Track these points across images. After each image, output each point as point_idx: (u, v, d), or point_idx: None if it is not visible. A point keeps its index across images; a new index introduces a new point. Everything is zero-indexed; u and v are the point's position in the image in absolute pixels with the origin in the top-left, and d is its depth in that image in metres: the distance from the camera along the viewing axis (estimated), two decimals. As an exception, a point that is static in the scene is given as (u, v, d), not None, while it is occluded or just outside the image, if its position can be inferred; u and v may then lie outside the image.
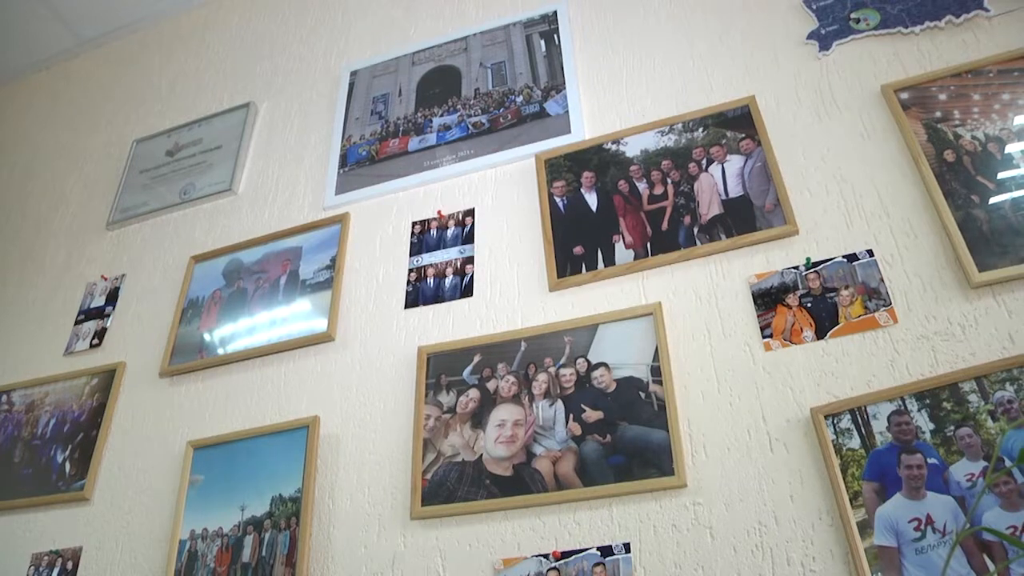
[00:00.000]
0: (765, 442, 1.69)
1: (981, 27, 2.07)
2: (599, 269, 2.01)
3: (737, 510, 1.63)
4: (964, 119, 1.92)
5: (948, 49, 2.06)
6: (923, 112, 1.96)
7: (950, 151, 1.88)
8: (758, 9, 2.34)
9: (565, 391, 1.86)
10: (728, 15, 2.37)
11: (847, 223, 1.88)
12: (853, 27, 2.18)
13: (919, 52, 2.08)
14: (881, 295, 1.76)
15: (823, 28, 2.21)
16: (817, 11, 2.25)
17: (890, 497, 1.52)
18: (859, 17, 2.20)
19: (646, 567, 1.63)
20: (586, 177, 2.16)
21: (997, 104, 1.92)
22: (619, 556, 1.65)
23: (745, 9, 2.36)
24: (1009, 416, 1.52)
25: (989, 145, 1.86)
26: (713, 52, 2.31)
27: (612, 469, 1.73)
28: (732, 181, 2.02)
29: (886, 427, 1.59)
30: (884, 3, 2.19)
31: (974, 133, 1.89)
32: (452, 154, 2.39)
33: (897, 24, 2.14)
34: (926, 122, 1.94)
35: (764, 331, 1.80)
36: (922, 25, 2.11)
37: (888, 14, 2.17)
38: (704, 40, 2.34)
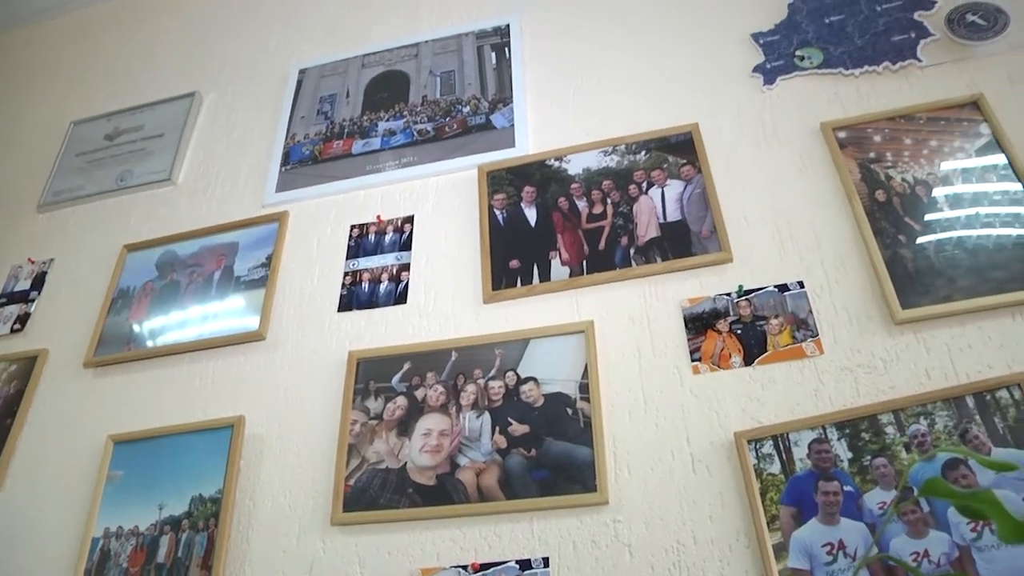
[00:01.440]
0: (688, 463, 1.71)
1: (914, 76, 2.14)
2: (534, 284, 2.02)
3: (657, 529, 1.65)
4: (896, 161, 1.98)
5: (884, 93, 2.13)
6: (858, 151, 2.02)
7: (881, 191, 1.94)
8: (708, 39, 2.39)
9: (493, 403, 1.86)
10: (679, 42, 2.41)
11: (780, 254, 1.92)
12: (797, 64, 2.24)
13: (858, 94, 2.14)
14: (809, 326, 1.80)
15: (769, 63, 2.27)
16: (764, 46, 2.31)
17: (806, 522, 1.56)
18: (804, 55, 2.26)
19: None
20: (527, 192, 2.18)
21: (926, 149, 1.99)
22: (538, 570, 1.66)
23: (695, 38, 2.41)
24: (921, 449, 1.58)
25: (917, 188, 1.93)
26: (661, 77, 2.34)
27: (535, 483, 1.73)
28: (671, 205, 2.05)
29: (806, 454, 1.63)
30: (828, 44, 2.26)
31: (904, 175, 1.95)
32: (395, 160, 2.38)
33: (839, 65, 2.20)
34: (861, 161, 2.00)
35: (693, 354, 1.83)
36: (862, 68, 2.18)
37: (831, 55, 2.23)
38: (653, 65, 2.38)
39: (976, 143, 1.97)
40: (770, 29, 2.34)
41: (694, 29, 2.43)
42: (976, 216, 1.86)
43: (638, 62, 2.40)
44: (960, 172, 1.94)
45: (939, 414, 1.61)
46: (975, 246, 1.81)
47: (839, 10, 2.33)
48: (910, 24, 2.24)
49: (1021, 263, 1.76)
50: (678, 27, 2.45)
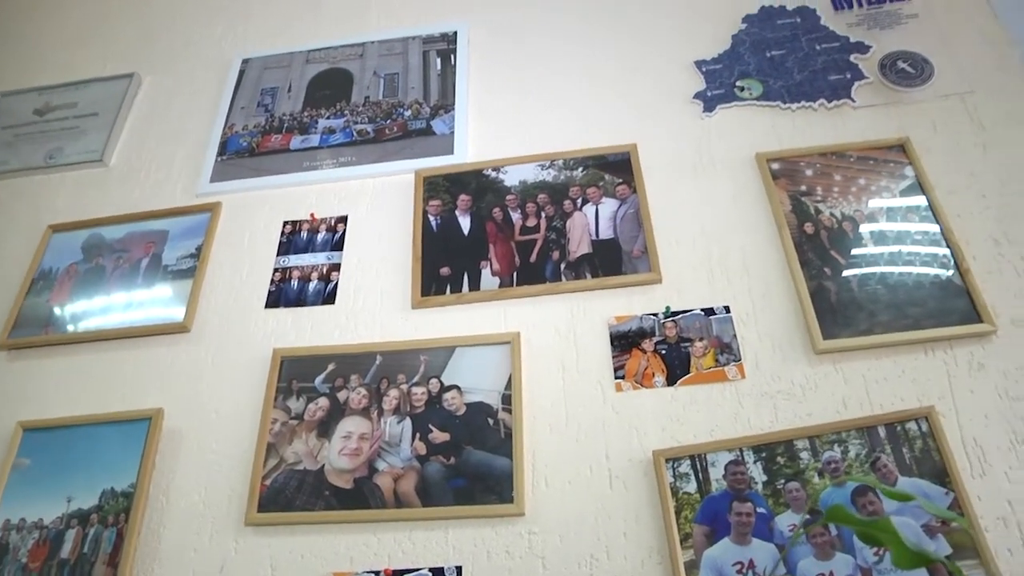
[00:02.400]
0: (606, 479, 1.72)
1: (848, 114, 2.20)
2: (463, 292, 2.01)
3: (571, 542, 1.65)
4: (825, 196, 2.03)
5: (818, 129, 2.17)
6: (790, 184, 2.06)
7: (810, 224, 1.98)
8: (653, 62, 2.42)
9: (415, 409, 1.84)
10: (623, 63, 2.43)
11: (709, 278, 1.95)
12: (737, 94, 2.28)
13: (793, 127, 2.19)
14: (732, 350, 1.83)
15: (710, 90, 2.30)
16: (706, 74, 2.35)
17: (718, 541, 1.58)
18: (744, 86, 2.30)
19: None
20: (462, 200, 2.17)
21: (854, 187, 2.04)
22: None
23: (641, 59, 2.43)
24: (832, 475, 1.62)
25: (844, 223, 1.97)
26: (604, 96, 2.36)
27: (452, 491, 1.72)
28: (604, 223, 2.06)
29: (722, 475, 1.65)
30: (767, 77, 2.31)
31: (832, 210, 2.00)
32: (333, 158, 2.35)
33: (777, 98, 2.25)
34: (792, 193, 2.04)
35: (617, 372, 1.84)
36: (798, 103, 2.23)
37: (770, 88, 2.28)
38: (596, 83, 2.39)
39: (901, 184, 2.03)
40: (713, 58, 2.39)
41: (639, 52, 2.46)
42: (898, 254, 1.91)
43: (582, 80, 2.41)
44: (885, 211, 1.99)
45: (852, 442, 1.65)
46: (896, 283, 1.86)
47: (781, 46, 2.38)
48: (846, 65, 2.31)
49: (937, 301, 1.82)
50: (624, 49, 2.47)
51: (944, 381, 1.73)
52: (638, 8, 2.58)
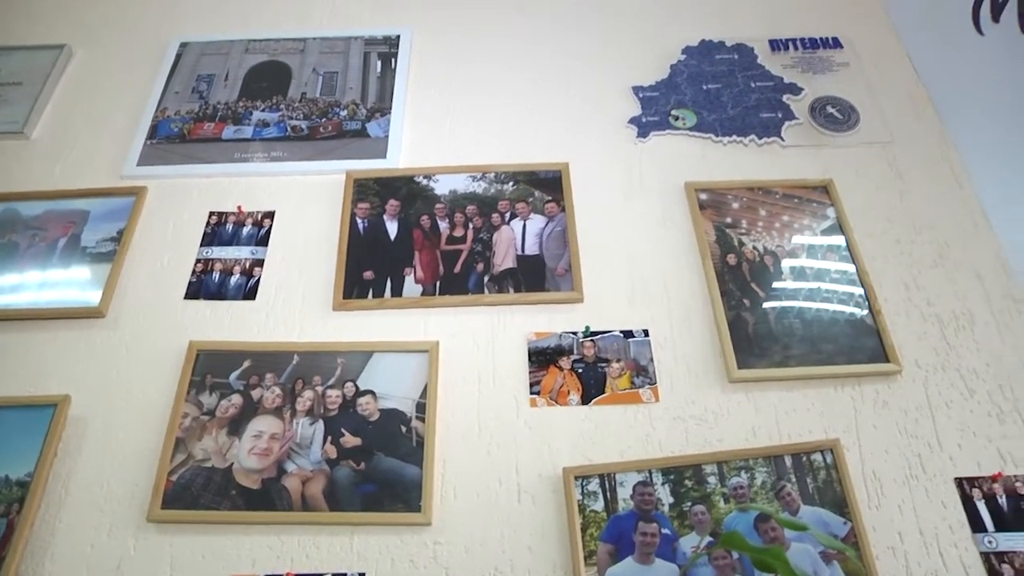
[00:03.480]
0: (514, 493, 1.71)
1: (776, 153, 2.26)
2: (386, 298, 1.99)
3: (476, 554, 1.64)
4: (749, 229, 2.07)
5: (747, 164, 2.23)
6: (716, 215, 2.10)
7: (733, 255, 2.02)
8: (592, 83, 2.45)
9: (328, 412, 1.82)
10: (562, 82, 2.46)
11: (630, 301, 1.97)
12: (671, 123, 2.32)
13: (723, 160, 2.24)
14: (648, 373, 1.85)
15: (645, 116, 2.34)
16: (643, 100, 2.39)
17: (622, 560, 1.58)
18: (678, 115, 2.34)
19: (376, 599, 1.62)
20: (391, 205, 2.15)
21: (778, 223, 2.09)
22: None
23: (580, 80, 2.46)
24: (738, 500, 1.64)
25: (766, 257, 2.02)
26: (540, 113, 2.38)
27: (360, 497, 1.69)
28: (531, 239, 2.07)
29: (630, 495, 1.65)
30: (702, 108, 2.36)
31: (755, 244, 2.04)
32: (265, 152, 2.31)
33: (709, 131, 2.29)
34: (717, 224, 2.08)
35: (533, 387, 1.84)
36: (730, 137, 2.28)
37: (704, 119, 2.33)
38: (534, 100, 2.42)
39: (822, 224, 2.09)
40: (651, 85, 2.43)
41: (579, 72, 2.49)
42: (816, 291, 1.96)
43: (520, 95, 2.43)
44: (806, 248, 2.04)
45: (759, 470, 1.68)
46: (811, 318, 1.91)
47: (717, 80, 2.43)
48: (778, 105, 2.37)
49: (849, 339, 1.88)
50: (563, 68, 2.50)
51: (850, 416, 1.79)
52: (582, 29, 2.62)
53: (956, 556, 1.63)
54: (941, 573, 1.62)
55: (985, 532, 1.65)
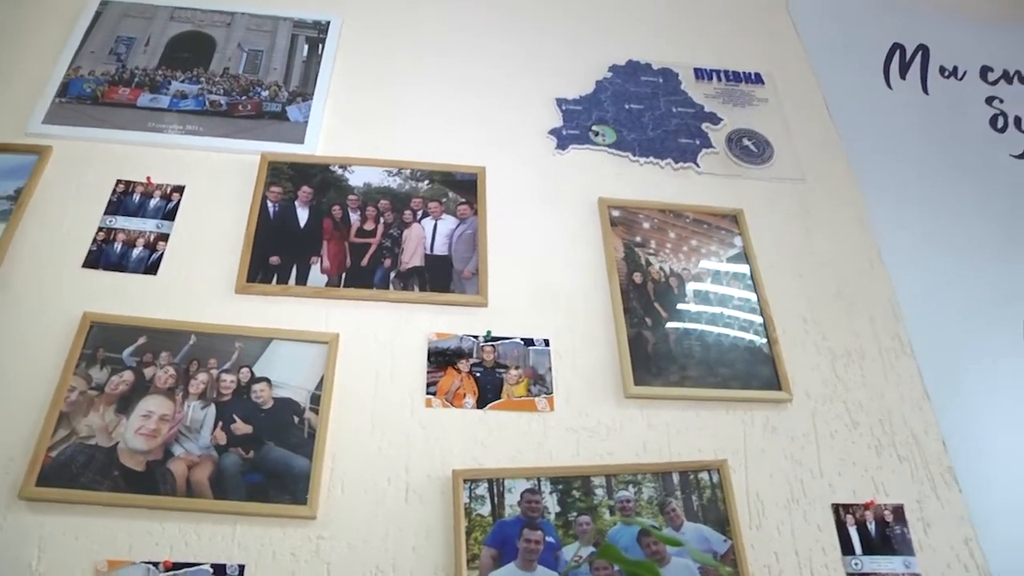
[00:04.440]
0: (402, 492, 1.73)
1: (691, 178, 2.35)
2: (290, 285, 1.98)
3: (359, 551, 1.65)
4: (658, 250, 2.14)
5: (662, 186, 2.31)
6: (627, 233, 2.16)
7: (639, 274, 2.08)
8: (516, 91, 2.50)
9: (222, 396, 1.80)
10: (487, 86, 2.49)
11: (534, 310, 2.01)
12: (591, 138, 2.39)
13: (638, 180, 2.31)
14: (546, 383, 1.89)
15: (566, 129, 2.40)
16: (565, 112, 2.44)
17: (504, 565, 1.62)
18: (599, 131, 2.41)
19: (255, 592, 1.61)
20: (304, 191, 2.15)
21: (686, 247, 2.16)
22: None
23: (506, 86, 2.51)
24: (623, 513, 1.70)
25: (671, 279, 2.09)
26: (463, 115, 2.40)
27: (247, 486, 1.68)
28: (440, 239, 2.09)
29: (518, 501, 1.69)
30: (622, 127, 2.43)
31: (662, 265, 2.11)
32: (180, 124, 2.28)
33: (627, 150, 2.37)
34: (627, 242, 2.14)
35: (429, 388, 1.86)
36: (647, 158, 2.35)
37: (623, 138, 2.40)
38: (458, 101, 2.44)
39: (729, 252, 2.17)
40: (575, 99, 2.49)
41: (505, 77, 2.53)
42: (717, 316, 2.04)
43: (443, 95, 2.45)
44: (711, 273, 2.12)
45: (647, 485, 1.74)
46: (711, 342, 2.00)
47: (640, 101, 2.51)
48: (697, 132, 2.45)
49: (745, 365, 1.97)
50: (490, 72, 2.54)
51: (739, 439, 1.88)
52: (513, 35, 2.67)
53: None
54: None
55: (854, 555, 1.78)
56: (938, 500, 1.91)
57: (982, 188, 2.70)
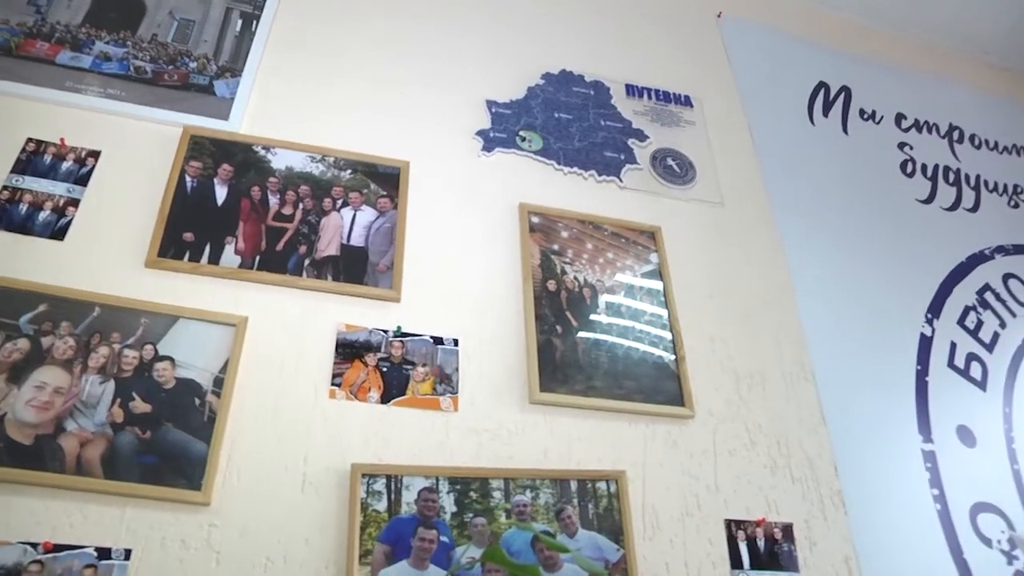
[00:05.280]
0: (299, 483, 1.71)
1: (613, 192, 2.39)
2: (202, 263, 1.94)
3: (251, 540, 1.63)
4: (574, 260, 2.17)
5: (583, 197, 2.35)
6: (544, 240, 2.19)
7: (553, 281, 2.11)
8: (447, 89, 2.49)
9: (122, 373, 1.75)
10: (418, 82, 2.48)
11: (446, 309, 2.02)
12: (518, 143, 2.41)
13: (561, 188, 2.34)
14: (452, 383, 1.90)
15: (493, 132, 2.41)
16: (494, 115, 2.46)
17: (396, 562, 1.62)
18: (526, 137, 2.43)
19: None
20: (224, 169, 2.11)
21: (602, 258, 2.20)
22: (116, 561, 1.54)
23: (437, 83, 2.50)
24: (519, 517, 1.72)
25: (584, 289, 2.12)
26: (391, 108, 2.39)
27: (140, 468, 1.63)
28: (358, 230, 2.09)
29: (415, 499, 1.70)
30: (550, 135, 2.46)
31: (577, 274, 2.14)
32: (101, 87, 2.20)
33: (553, 158, 2.40)
34: (544, 249, 2.17)
35: (335, 379, 1.85)
36: (571, 168, 2.39)
37: (550, 146, 2.43)
38: (389, 93, 2.42)
39: (644, 267, 2.22)
40: (505, 102, 2.51)
41: (438, 75, 2.53)
42: (628, 329, 2.08)
43: (375, 85, 2.43)
44: (625, 287, 2.16)
45: (544, 490, 1.77)
46: (619, 355, 2.04)
47: (570, 111, 2.54)
48: (623, 148, 2.50)
49: (650, 380, 2.02)
50: (424, 68, 2.53)
51: (640, 451, 1.92)
52: (449, 32, 2.67)
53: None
54: None
55: (742, 569, 1.85)
56: (825, 520, 2.01)
57: (889, 228, 2.83)
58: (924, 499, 2.22)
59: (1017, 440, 2.50)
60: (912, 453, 2.30)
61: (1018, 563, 2.21)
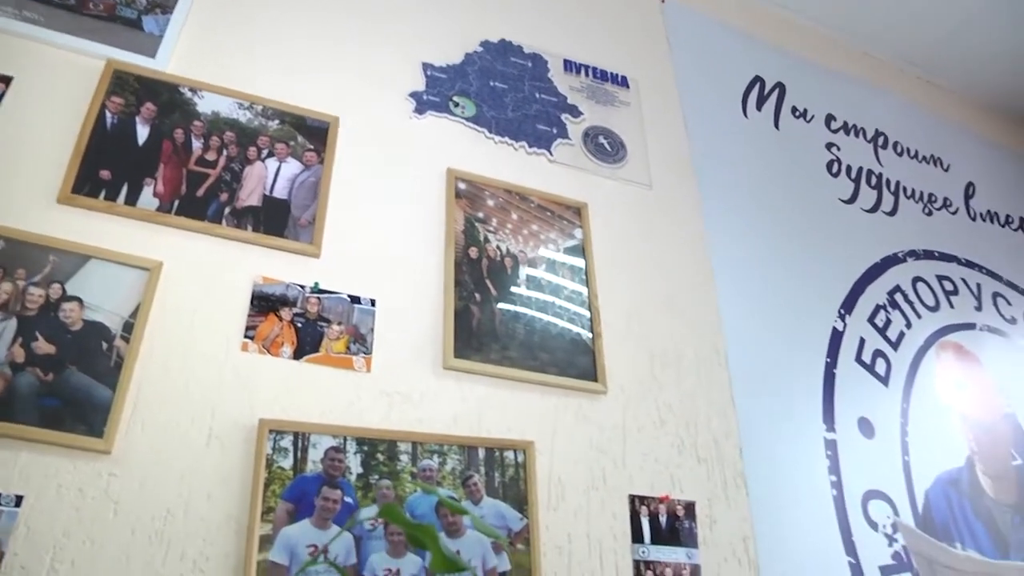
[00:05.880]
0: (205, 435, 1.68)
1: (543, 165, 2.40)
2: (118, 203, 1.87)
3: (151, 492, 1.58)
4: (498, 229, 2.17)
5: (512, 167, 2.35)
6: (470, 207, 2.18)
7: (475, 249, 2.11)
8: (384, 47, 2.45)
9: (26, 311, 1.68)
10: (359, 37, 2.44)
11: (365, 268, 2.00)
12: (451, 108, 2.39)
13: (490, 157, 2.34)
14: (366, 343, 1.89)
15: (427, 95, 2.39)
16: (429, 78, 2.44)
17: (299, 520, 1.61)
18: (459, 103, 2.42)
19: (31, 526, 1.49)
20: (147, 108, 2.04)
21: (526, 230, 2.21)
22: (5, 508, 1.48)
23: (377, 40, 2.46)
24: (425, 481, 1.73)
25: (506, 259, 2.13)
26: (326, 60, 2.34)
27: (39, 411, 1.57)
28: (282, 182, 2.05)
29: (321, 458, 1.69)
30: (484, 103, 2.45)
31: (500, 244, 2.15)
32: (17, 8, 2.07)
33: (485, 126, 2.39)
34: (468, 216, 2.16)
35: (248, 331, 1.82)
36: (502, 138, 2.38)
37: (483, 114, 2.42)
38: (324, 47, 2.37)
39: (568, 242, 2.23)
40: (441, 66, 2.49)
41: (375, 32, 2.49)
42: (547, 303, 2.10)
43: (310, 37, 2.37)
44: (546, 261, 2.18)
45: (452, 456, 1.78)
46: (536, 327, 2.05)
47: (506, 80, 2.54)
48: (556, 122, 2.50)
49: (566, 354, 2.04)
50: (361, 24, 2.48)
51: (550, 423, 1.95)
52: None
53: (613, 561, 1.86)
54: (596, 573, 1.83)
55: (642, 543, 1.90)
56: (727, 500, 2.07)
57: (811, 224, 2.91)
58: (822, 485, 2.30)
59: (911, 434, 2.62)
60: (815, 441, 2.37)
61: (897, 545, 2.32)
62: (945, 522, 2.49)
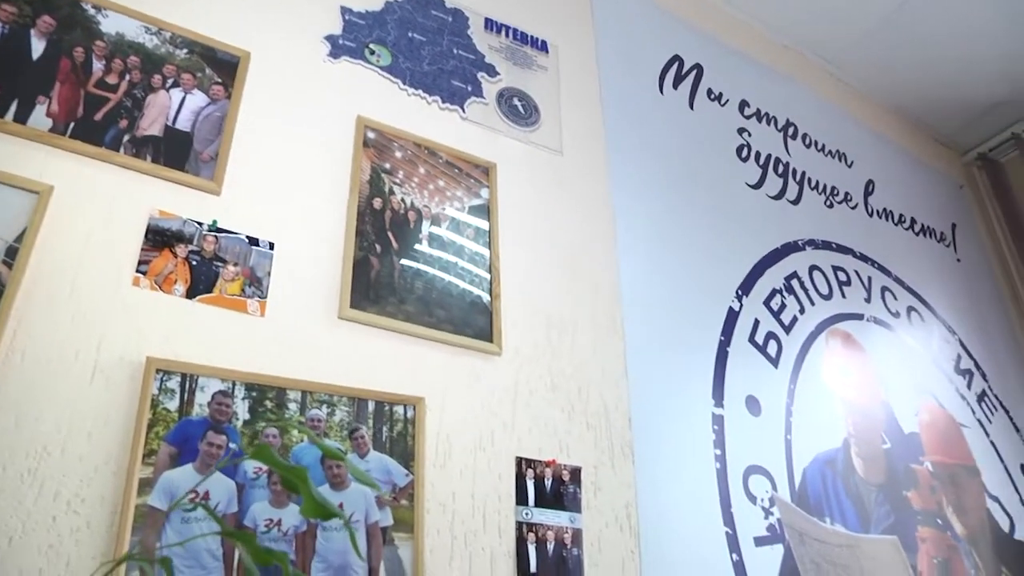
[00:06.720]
0: (89, 371, 1.62)
1: (454, 121, 2.40)
2: (7, 120, 1.78)
3: (28, 428, 1.51)
4: (404, 182, 2.17)
5: (423, 121, 2.33)
6: (377, 156, 2.17)
7: (380, 200, 2.11)
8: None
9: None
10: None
11: (266, 211, 1.96)
12: (366, 55, 2.36)
13: (402, 109, 2.32)
14: (262, 286, 1.86)
15: (343, 40, 2.35)
16: (347, 23, 2.39)
17: (181, 465, 1.58)
18: (375, 51, 2.38)
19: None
20: (44, 21, 1.94)
21: (432, 185, 2.21)
22: None
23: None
24: (313, 431, 1.73)
25: (409, 213, 2.13)
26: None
27: None
28: (185, 114, 1.99)
29: (208, 402, 1.66)
30: (400, 54, 2.42)
31: (404, 196, 2.15)
32: None
33: (399, 77, 2.37)
34: (375, 166, 2.15)
35: (141, 266, 1.77)
36: (416, 91, 2.37)
37: (398, 65, 2.39)
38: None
39: (473, 201, 2.24)
40: (360, 12, 2.44)
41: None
42: (449, 263, 2.11)
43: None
44: (450, 219, 2.18)
45: (340, 408, 1.78)
46: (435, 284, 2.07)
47: (424, 33, 2.51)
48: (471, 79, 2.50)
49: (462, 312, 2.06)
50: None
51: (442, 380, 1.96)
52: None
53: (496, 521, 1.89)
54: (479, 532, 1.86)
55: (526, 505, 1.94)
56: (612, 468, 2.13)
57: (716, 204, 2.99)
58: (707, 457, 2.38)
59: (795, 414, 2.72)
60: (703, 415, 2.45)
61: (772, 518, 2.42)
62: (818, 498, 2.61)
